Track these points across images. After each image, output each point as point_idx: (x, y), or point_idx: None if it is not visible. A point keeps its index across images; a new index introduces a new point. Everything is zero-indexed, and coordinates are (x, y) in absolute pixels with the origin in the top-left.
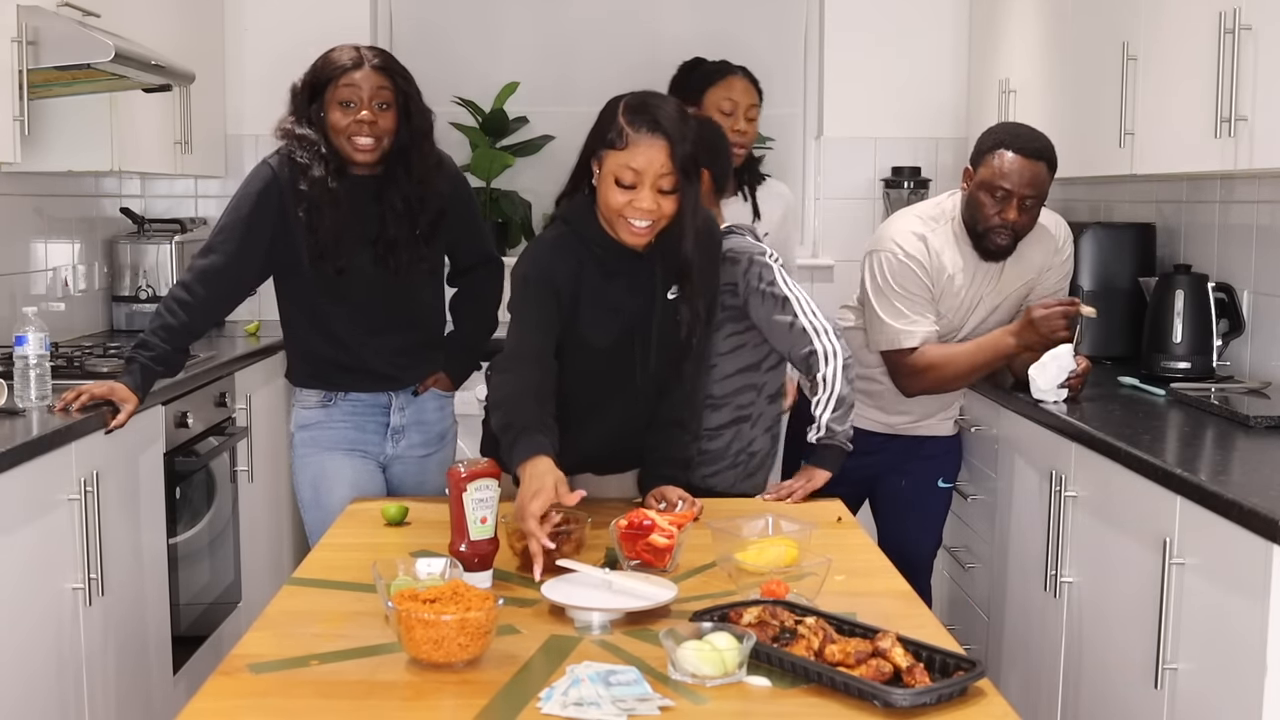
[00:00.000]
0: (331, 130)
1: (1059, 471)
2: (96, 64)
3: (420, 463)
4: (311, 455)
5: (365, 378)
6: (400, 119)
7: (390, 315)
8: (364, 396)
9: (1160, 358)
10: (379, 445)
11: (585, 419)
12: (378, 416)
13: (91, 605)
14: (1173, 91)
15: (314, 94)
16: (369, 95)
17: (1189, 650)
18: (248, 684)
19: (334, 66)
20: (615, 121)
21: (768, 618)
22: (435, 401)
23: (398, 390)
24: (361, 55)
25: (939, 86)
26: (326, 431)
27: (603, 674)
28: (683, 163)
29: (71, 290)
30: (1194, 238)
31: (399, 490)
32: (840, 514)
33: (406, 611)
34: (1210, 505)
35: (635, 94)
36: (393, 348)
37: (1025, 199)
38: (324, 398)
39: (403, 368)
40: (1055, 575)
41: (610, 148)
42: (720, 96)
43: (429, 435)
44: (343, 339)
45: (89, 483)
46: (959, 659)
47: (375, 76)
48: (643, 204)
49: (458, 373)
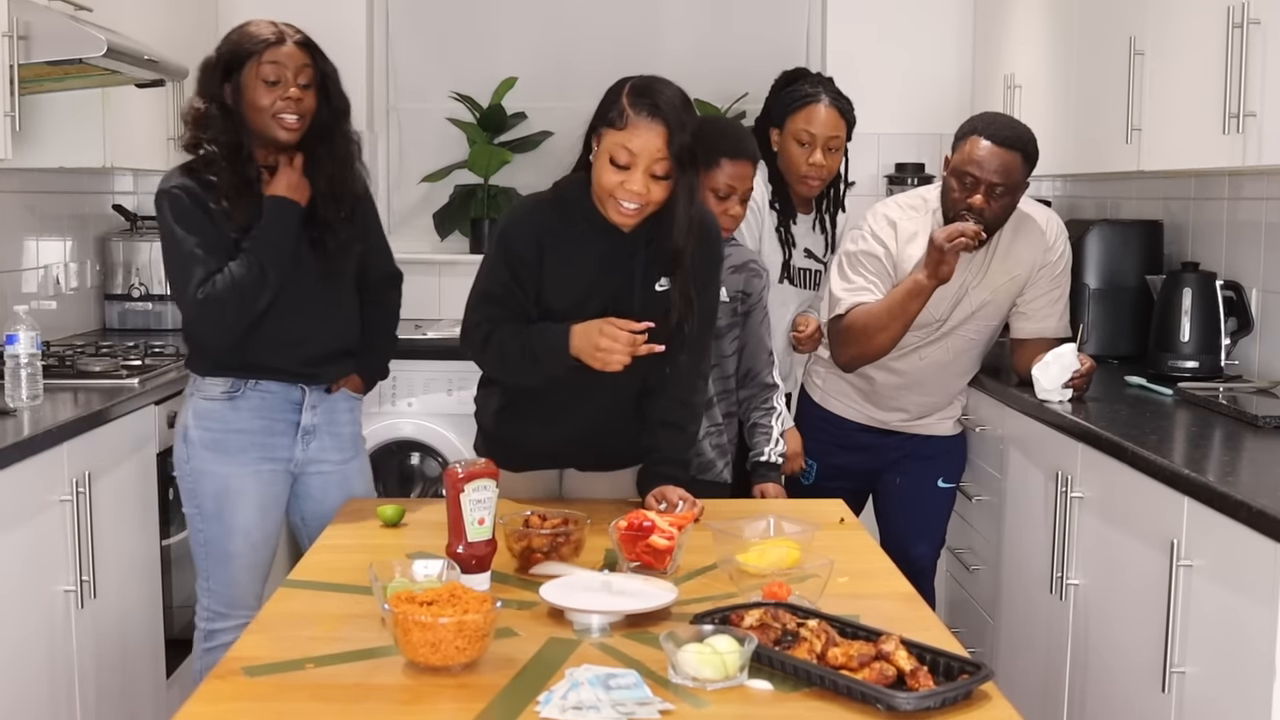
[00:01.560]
0: (251, 108)
1: (1064, 472)
2: (89, 59)
3: (340, 470)
4: (215, 464)
5: (282, 372)
6: (320, 99)
7: (316, 306)
8: (275, 388)
9: (1167, 357)
10: (289, 449)
11: (559, 411)
12: (288, 414)
13: (83, 608)
14: (1180, 87)
15: (229, 70)
16: (294, 73)
17: (1197, 653)
18: (242, 687)
19: (256, 40)
20: (619, 101)
21: (769, 620)
22: (346, 403)
23: (312, 385)
24: (283, 31)
25: (943, 81)
26: (233, 436)
27: (602, 677)
28: (678, 151)
29: (63, 288)
30: (1202, 235)
31: (323, 504)
32: (843, 515)
33: (403, 614)
34: (1218, 506)
35: (643, 77)
36: (315, 340)
37: (994, 186)
38: (231, 387)
39: (320, 363)
40: (1061, 577)
41: (610, 126)
42: (799, 127)
43: (341, 439)
44: (266, 326)
45: (81, 484)
46: (964, 662)
47: (299, 54)
48: (633, 185)
49: (370, 376)
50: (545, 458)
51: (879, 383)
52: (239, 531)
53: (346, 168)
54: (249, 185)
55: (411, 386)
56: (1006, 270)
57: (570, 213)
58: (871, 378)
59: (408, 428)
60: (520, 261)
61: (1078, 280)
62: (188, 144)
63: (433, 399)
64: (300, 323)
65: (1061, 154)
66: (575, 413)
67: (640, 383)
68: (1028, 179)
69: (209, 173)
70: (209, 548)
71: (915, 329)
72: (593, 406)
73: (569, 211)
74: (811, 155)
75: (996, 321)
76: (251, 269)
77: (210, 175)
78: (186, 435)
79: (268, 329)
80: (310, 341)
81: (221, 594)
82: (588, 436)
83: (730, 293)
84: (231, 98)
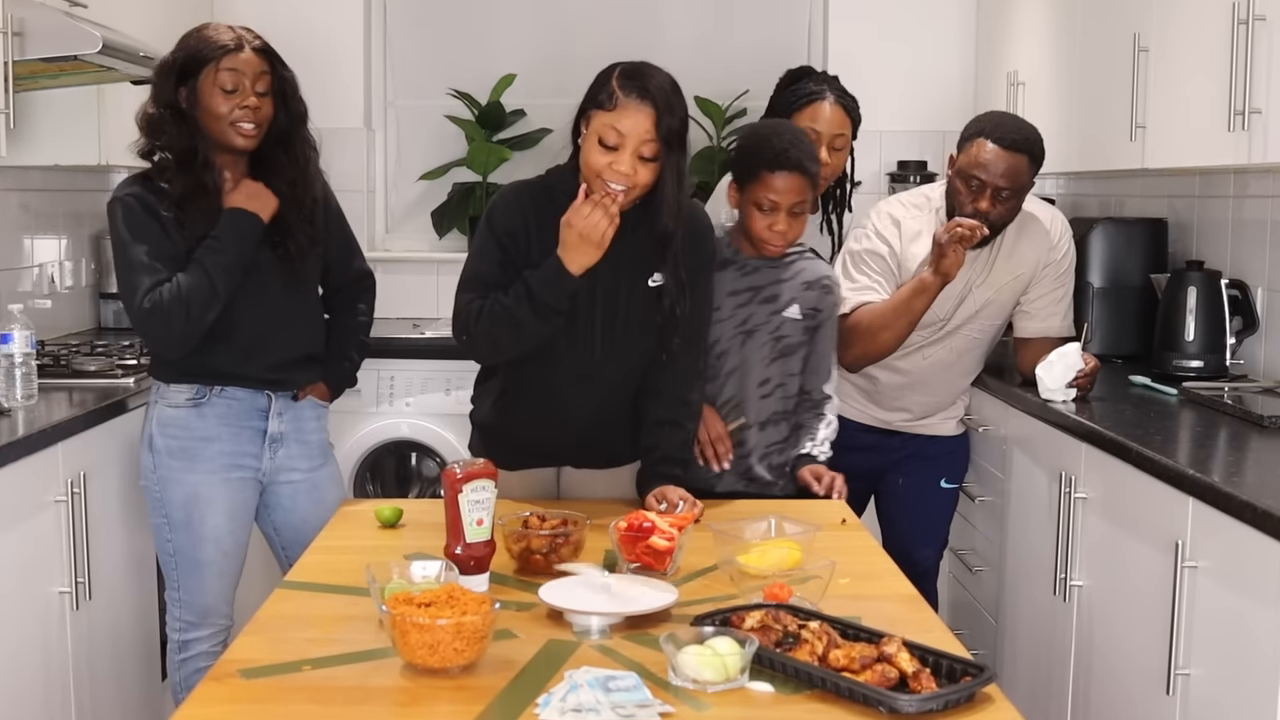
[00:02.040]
0: (208, 115)
1: (1068, 473)
2: (84, 56)
3: (309, 479)
4: (183, 472)
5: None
6: (278, 104)
7: (280, 312)
8: (241, 395)
9: (1172, 356)
10: (256, 458)
11: (557, 402)
12: (255, 421)
13: (79, 609)
14: (1185, 84)
15: (184, 75)
16: (252, 80)
17: (1201, 655)
18: (239, 689)
19: (214, 46)
20: (608, 84)
21: (770, 622)
22: (313, 410)
23: (278, 392)
24: (241, 37)
25: (946, 78)
26: (199, 444)
27: (602, 679)
28: (666, 134)
29: (58, 287)
30: (1207, 233)
31: (294, 513)
32: (845, 516)
33: (401, 615)
34: (1223, 507)
35: (633, 62)
36: (280, 347)
37: (1000, 190)
38: (196, 394)
39: (285, 369)
40: (1065, 579)
41: (599, 108)
42: (804, 125)
43: (309, 447)
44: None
45: (76, 484)
46: (966, 664)
47: (258, 61)
48: (621, 166)
49: (336, 384)
50: (542, 454)
51: (883, 382)
52: (209, 540)
53: (307, 173)
54: (205, 192)
55: (409, 386)
56: (1011, 269)
57: (558, 197)
58: (875, 377)
59: (405, 427)
60: (509, 237)
61: (1081, 279)
62: (142, 150)
63: (431, 399)
64: (264, 329)
65: (1065, 151)
66: (574, 404)
67: (640, 376)
68: (1033, 179)
69: (162, 179)
70: (179, 557)
71: (919, 328)
72: (592, 399)
73: (556, 196)
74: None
75: (1000, 321)
76: (200, 280)
77: (163, 182)
78: (152, 444)
79: (231, 335)
80: (275, 348)
81: (193, 604)
82: (587, 430)
83: (803, 310)
84: (187, 103)
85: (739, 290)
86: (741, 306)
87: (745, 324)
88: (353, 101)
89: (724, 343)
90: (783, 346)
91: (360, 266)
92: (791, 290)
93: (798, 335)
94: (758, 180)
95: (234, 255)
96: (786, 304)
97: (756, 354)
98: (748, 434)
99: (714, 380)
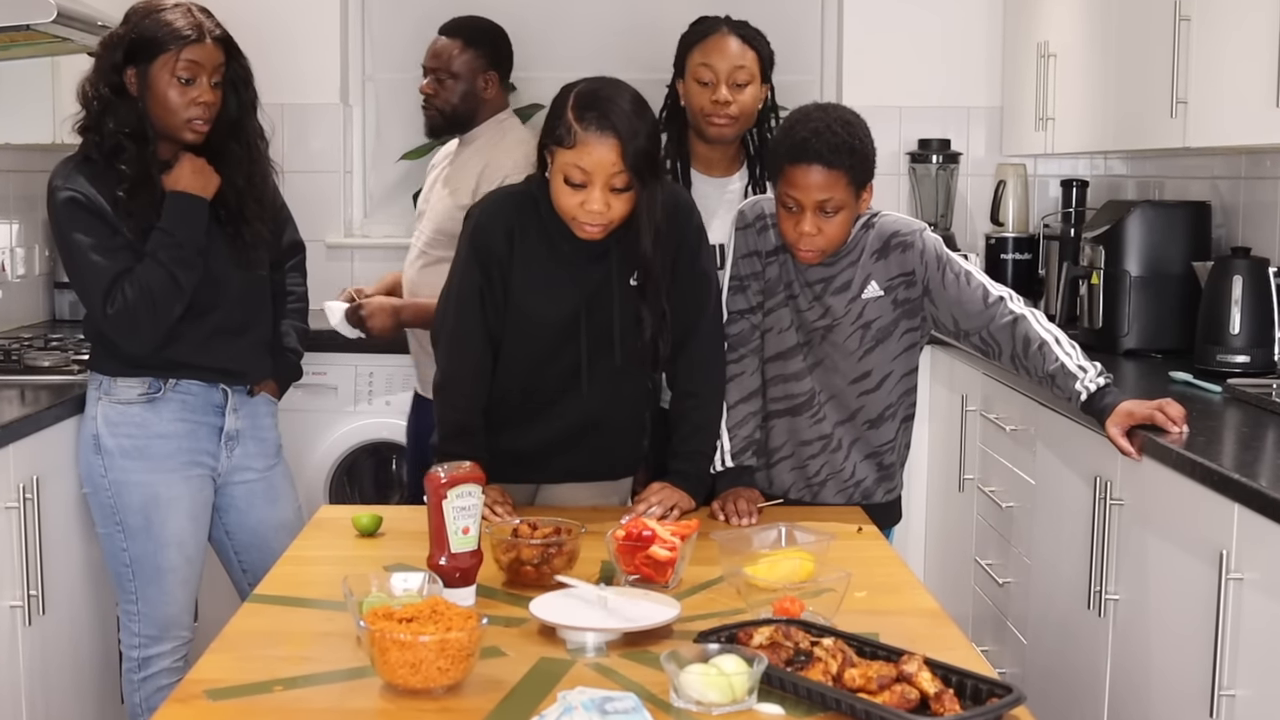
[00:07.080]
0: (160, 105)
1: (1104, 476)
2: (36, 25)
3: (264, 478)
4: (140, 473)
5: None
6: (228, 92)
7: (237, 302)
8: (196, 389)
9: (1216, 350)
10: (214, 456)
11: (541, 411)
12: (211, 417)
13: (31, 625)
14: (1229, 56)
15: (135, 57)
16: (210, 73)
17: (1248, 674)
18: (204, 712)
19: (173, 34)
20: (564, 117)
21: (780, 639)
22: (267, 407)
23: (234, 386)
24: (202, 25)
25: (971, 50)
26: (156, 441)
27: (598, 701)
28: (634, 162)
29: (9, 276)
30: (1253, 218)
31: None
32: (861, 524)
33: (380, 632)
34: (1271, 514)
35: (588, 84)
36: (240, 338)
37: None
38: (149, 388)
39: (244, 360)
40: (1100, 591)
41: (559, 145)
42: (697, 63)
43: (265, 445)
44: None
45: (28, 489)
46: (992, 684)
47: (217, 52)
48: (593, 205)
49: (285, 377)
50: (522, 465)
51: None
52: (172, 544)
53: (261, 165)
54: (150, 179)
55: (390, 384)
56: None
57: (540, 209)
58: None
59: (384, 429)
60: (489, 255)
61: (1118, 267)
62: (84, 128)
63: (410, 397)
64: (223, 319)
65: (1100, 129)
66: (557, 415)
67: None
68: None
69: (119, 161)
70: (136, 566)
71: None
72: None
73: (538, 208)
74: (715, 93)
75: None
76: (160, 276)
77: (121, 164)
78: (99, 445)
79: (191, 324)
80: (235, 337)
81: (154, 616)
82: (567, 441)
83: (883, 283)
84: (135, 86)
85: (813, 282)
86: (816, 300)
87: (824, 317)
88: (328, 74)
89: (802, 333)
90: (876, 332)
91: (293, 237)
92: (863, 269)
93: (888, 314)
94: (781, 175)
95: (187, 244)
96: (862, 285)
97: (843, 348)
98: (842, 438)
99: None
